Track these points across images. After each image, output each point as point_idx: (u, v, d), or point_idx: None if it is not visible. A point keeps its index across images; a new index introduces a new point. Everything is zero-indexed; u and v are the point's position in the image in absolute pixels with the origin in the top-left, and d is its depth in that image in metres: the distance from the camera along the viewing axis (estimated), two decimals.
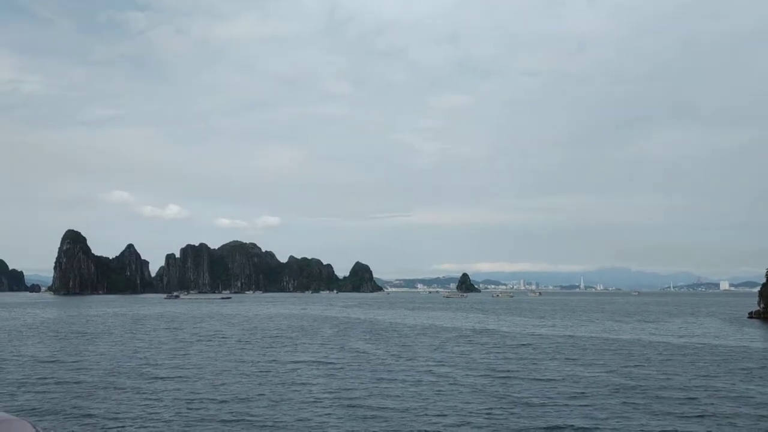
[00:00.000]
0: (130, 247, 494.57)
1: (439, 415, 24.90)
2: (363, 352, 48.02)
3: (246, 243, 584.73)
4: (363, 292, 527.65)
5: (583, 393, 29.82)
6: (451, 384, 32.43)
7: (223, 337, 62.78)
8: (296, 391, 30.59)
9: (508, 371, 37.33)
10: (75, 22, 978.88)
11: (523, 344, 55.59)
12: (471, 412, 25.37)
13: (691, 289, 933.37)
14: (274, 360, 43.08)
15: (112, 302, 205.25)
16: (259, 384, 32.66)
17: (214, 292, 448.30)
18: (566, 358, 44.24)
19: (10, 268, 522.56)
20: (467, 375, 35.72)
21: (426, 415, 24.98)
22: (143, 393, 30.18)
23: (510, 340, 60.00)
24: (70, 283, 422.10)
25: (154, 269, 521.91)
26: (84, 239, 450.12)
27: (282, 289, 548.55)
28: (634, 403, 27.32)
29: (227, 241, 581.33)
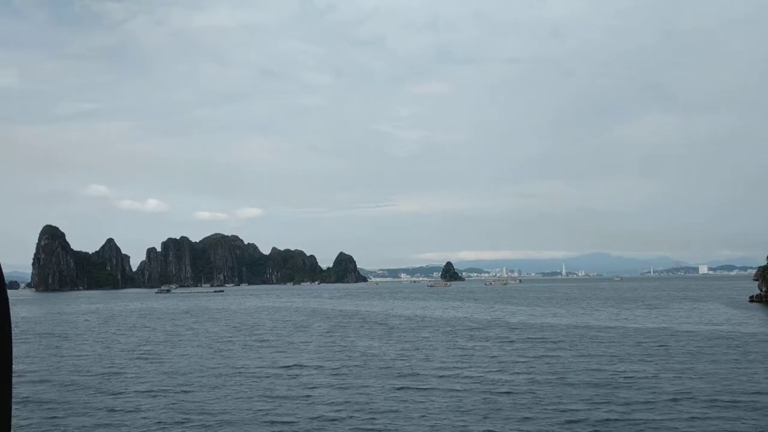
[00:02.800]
0: (110, 242, 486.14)
1: None
2: (368, 353, 42.65)
3: (228, 235, 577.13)
4: (347, 282, 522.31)
5: (654, 402, 24.79)
6: (489, 392, 27.25)
7: (217, 340, 57.24)
8: (303, 405, 25.24)
9: (546, 372, 32.28)
10: (50, 14, 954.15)
11: (541, 338, 50.62)
12: None
13: (670, 274, 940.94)
14: (270, 364, 37.51)
15: (97, 298, 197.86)
16: (257, 396, 27.27)
17: (196, 286, 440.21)
18: (603, 354, 39.09)
19: None
20: (502, 378, 30.58)
21: None
22: (122, 407, 24.77)
23: (523, 333, 55.07)
24: (50, 280, 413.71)
25: (134, 264, 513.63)
26: (62, 234, 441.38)
27: (265, 281, 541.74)
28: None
29: (208, 234, 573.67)
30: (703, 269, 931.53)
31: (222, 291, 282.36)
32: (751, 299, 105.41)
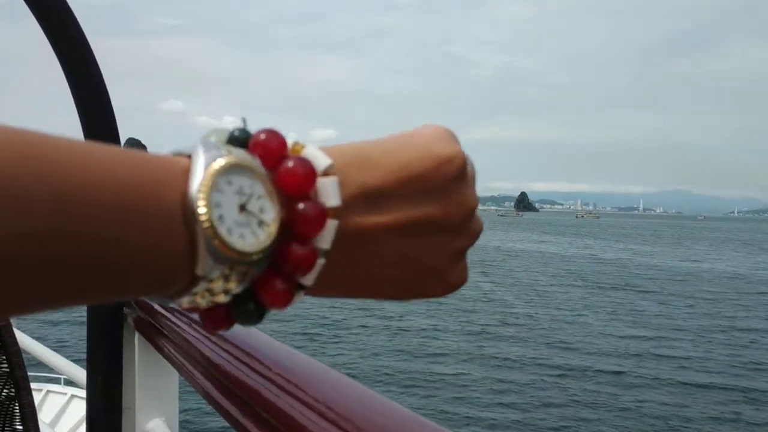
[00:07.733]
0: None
1: None
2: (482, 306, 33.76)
3: None
4: None
5: None
6: (702, 380, 18.04)
7: None
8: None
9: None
10: None
11: (705, 293, 40.55)
12: None
13: (756, 215, 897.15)
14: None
15: None
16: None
17: None
18: None
19: None
20: (702, 359, 21.30)
21: None
22: None
23: (669, 284, 45.00)
24: None
25: None
26: (144, 147, 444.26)
27: None
28: None
29: None
30: None
31: None
32: None
